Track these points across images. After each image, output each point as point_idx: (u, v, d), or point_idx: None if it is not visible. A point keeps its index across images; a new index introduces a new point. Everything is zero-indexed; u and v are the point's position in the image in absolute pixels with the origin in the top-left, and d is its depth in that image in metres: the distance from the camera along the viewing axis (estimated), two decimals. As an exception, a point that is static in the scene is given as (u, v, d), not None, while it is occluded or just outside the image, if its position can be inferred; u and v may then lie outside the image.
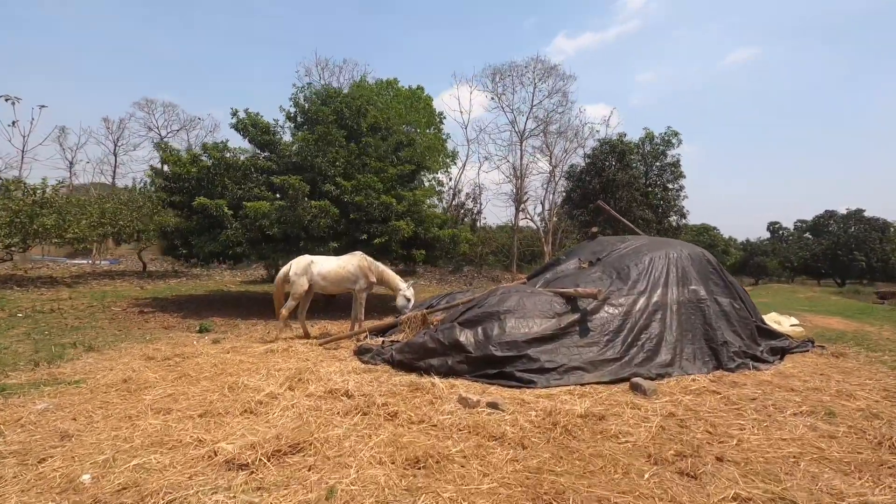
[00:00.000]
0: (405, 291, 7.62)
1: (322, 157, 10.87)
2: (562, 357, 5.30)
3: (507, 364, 5.28)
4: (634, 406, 4.47)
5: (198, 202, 9.94)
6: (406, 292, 7.62)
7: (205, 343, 7.53)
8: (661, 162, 18.37)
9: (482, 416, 4.20)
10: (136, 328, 9.12)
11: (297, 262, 7.66)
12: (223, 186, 10.75)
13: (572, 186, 18.86)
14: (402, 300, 7.56)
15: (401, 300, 7.57)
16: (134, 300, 12.88)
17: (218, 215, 10.16)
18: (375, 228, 10.51)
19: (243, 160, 11.07)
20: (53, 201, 15.34)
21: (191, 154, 10.60)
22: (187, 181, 10.76)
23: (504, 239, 35.50)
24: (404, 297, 7.58)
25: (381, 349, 6.16)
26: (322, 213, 10.08)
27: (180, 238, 10.94)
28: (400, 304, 7.57)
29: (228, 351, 6.82)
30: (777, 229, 53.97)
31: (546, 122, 27.43)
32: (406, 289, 7.67)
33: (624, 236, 7.92)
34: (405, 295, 7.59)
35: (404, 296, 7.58)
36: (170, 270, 22.48)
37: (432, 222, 11.68)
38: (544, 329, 5.53)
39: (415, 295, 7.98)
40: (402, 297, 7.58)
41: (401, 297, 7.58)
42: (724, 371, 5.63)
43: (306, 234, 10.40)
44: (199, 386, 5.04)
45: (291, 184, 9.99)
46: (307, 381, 5.10)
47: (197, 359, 6.30)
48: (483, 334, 5.54)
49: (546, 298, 5.93)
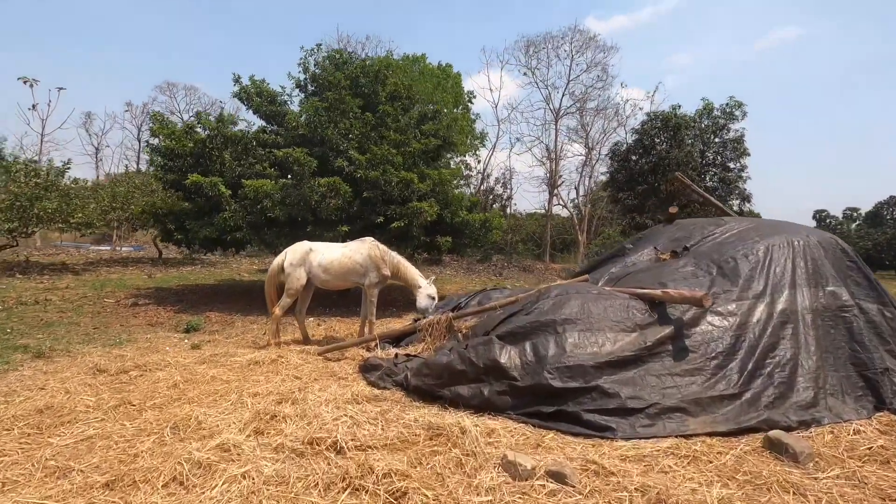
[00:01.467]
0: (426, 289, 6.06)
1: (333, 128, 9.35)
2: (651, 391, 3.62)
3: (569, 399, 3.65)
4: (789, 488, 2.77)
5: (190, 180, 8.62)
6: (428, 290, 6.06)
7: (182, 348, 6.19)
8: (720, 137, 16.06)
9: (541, 499, 2.61)
10: (119, 325, 7.92)
11: (292, 249, 6.19)
12: (221, 162, 9.40)
13: (617, 167, 16.78)
14: (425, 300, 6.00)
15: (423, 300, 6.01)
16: (135, 290, 11.84)
17: (214, 195, 8.83)
18: (394, 210, 8.96)
19: (243, 132, 9.68)
20: (58, 184, 14.45)
21: (186, 125, 9.26)
22: (182, 157, 9.45)
23: (533, 227, 33.48)
24: (427, 296, 6.02)
25: (393, 367, 4.63)
26: (332, 192, 8.60)
27: (175, 222, 9.69)
28: (422, 306, 6.02)
29: (204, 361, 5.43)
30: (824, 217, 49.94)
31: (583, 98, 25.19)
32: (427, 286, 6.11)
33: (717, 218, 6.07)
34: (427, 293, 6.03)
35: (427, 294, 6.02)
36: (186, 258, 21.69)
37: (460, 205, 10.04)
38: (622, 348, 3.85)
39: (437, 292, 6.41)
40: (424, 297, 6.02)
41: (423, 297, 6.03)
42: (891, 413, 3.83)
43: (314, 216, 8.96)
44: (137, 422, 3.62)
45: (296, 158, 8.53)
46: (285, 418, 3.60)
47: (159, 373, 4.92)
48: (533, 354, 3.91)
49: (620, 303, 4.23)
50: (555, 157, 25.57)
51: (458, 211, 9.77)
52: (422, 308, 6.03)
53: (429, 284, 6.15)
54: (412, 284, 6.18)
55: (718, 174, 15.69)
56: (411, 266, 6.32)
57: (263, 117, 10.71)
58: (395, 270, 6.23)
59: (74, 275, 14.13)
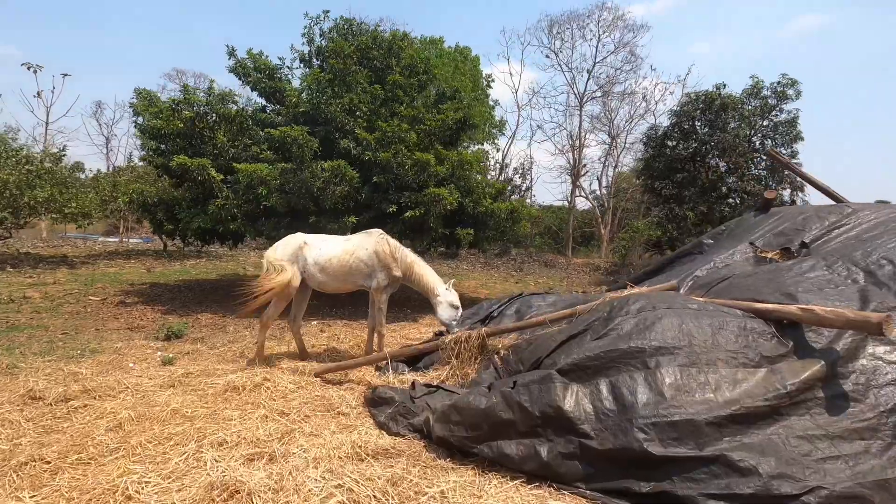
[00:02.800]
0: (446, 296, 4.86)
1: (337, 103, 8.15)
2: (803, 465, 2.36)
3: (675, 472, 2.42)
4: None
5: (175, 162, 7.52)
6: (448, 297, 4.86)
7: (152, 363, 5.10)
8: (769, 120, 14.45)
9: None
10: (93, 329, 6.89)
11: (283, 243, 5.03)
12: (215, 144, 8.29)
13: (652, 153, 15.28)
14: (447, 310, 4.80)
15: (445, 311, 4.81)
16: (129, 286, 10.89)
17: (204, 180, 7.72)
18: (408, 198, 7.75)
19: (238, 109, 8.55)
20: (53, 172, 13.57)
21: (171, 100, 8.15)
22: (171, 138, 8.36)
23: (550, 219, 31.93)
24: (449, 304, 4.81)
25: (409, 401, 3.44)
26: (336, 178, 7.42)
27: (165, 212, 8.63)
28: (444, 317, 4.82)
29: (172, 384, 4.32)
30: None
31: (610, 81, 23.56)
32: (447, 292, 4.91)
33: (836, 205, 4.70)
34: (449, 302, 4.82)
35: (448, 303, 4.82)
36: (192, 250, 20.85)
37: (483, 192, 8.78)
38: (748, 393, 2.60)
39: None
40: (445, 307, 4.82)
41: (444, 307, 4.83)
42: None
43: (317, 206, 7.79)
44: (35, 500, 2.50)
45: (294, 137, 7.36)
46: (251, 496, 2.44)
47: (108, 403, 3.82)
48: (614, 399, 2.68)
49: (733, 324, 2.96)
50: (579, 144, 24.05)
51: (481, 199, 8.51)
52: (444, 320, 4.83)
53: (449, 290, 4.94)
54: (428, 290, 4.98)
55: (766, 161, 14.10)
56: (427, 267, 5.11)
57: (262, 95, 9.56)
58: (407, 272, 5.03)
59: (70, 268, 13.28)
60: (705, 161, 14.83)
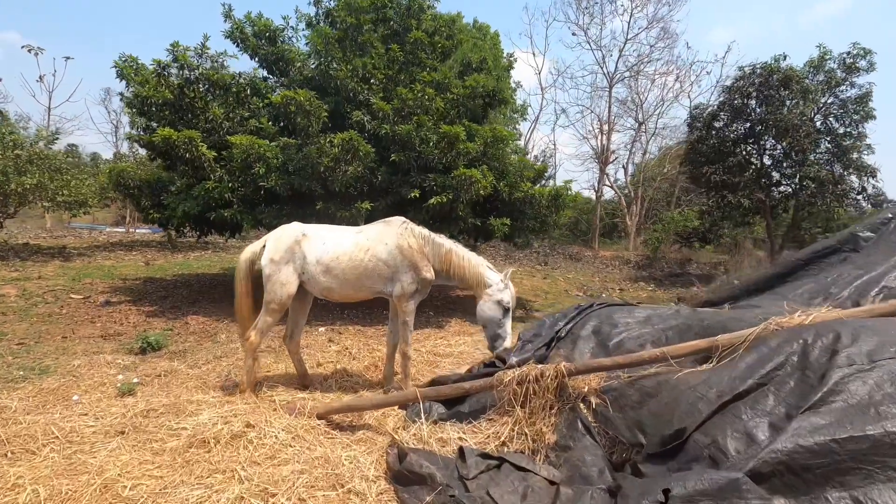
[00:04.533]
0: (497, 293, 3.60)
1: (348, 68, 6.85)
2: None
3: None
4: None
5: (160, 136, 6.32)
6: (500, 293, 3.60)
7: (108, 391, 3.91)
8: (836, 96, 12.73)
9: None
10: (60, 336, 5.78)
11: (276, 236, 3.79)
12: (209, 118, 7.08)
13: (699, 135, 13.67)
14: (492, 309, 3.57)
15: (490, 308, 3.57)
16: (121, 281, 9.84)
17: (192, 158, 6.52)
18: (432, 181, 6.45)
19: (234, 75, 7.31)
20: (45, 157, 12.56)
21: (157, 63, 6.93)
22: (160, 109, 7.17)
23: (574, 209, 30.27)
24: (495, 303, 3.57)
25: (458, 483, 2.18)
26: (348, 154, 6.14)
27: (150, 196, 7.46)
28: (487, 315, 3.58)
29: (123, 430, 3.14)
30: None
31: (641, 60, 21.80)
32: (501, 284, 3.64)
33: None
34: (499, 300, 3.57)
35: (495, 301, 3.57)
36: (199, 242, 19.89)
37: (521, 175, 7.42)
38: None
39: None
40: (491, 305, 3.58)
41: (489, 304, 3.59)
42: None
43: (324, 189, 6.54)
44: None
45: (300, 103, 6.09)
46: None
47: (17, 466, 2.64)
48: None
49: None
50: (608, 128, 22.40)
51: (519, 183, 7.15)
52: (486, 320, 3.57)
53: (504, 280, 3.66)
54: (477, 283, 3.69)
55: (834, 142, 12.40)
56: (471, 254, 3.80)
57: (263, 64, 8.29)
58: (443, 267, 3.73)
59: (63, 261, 12.32)
60: (759, 143, 13.19)
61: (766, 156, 13.18)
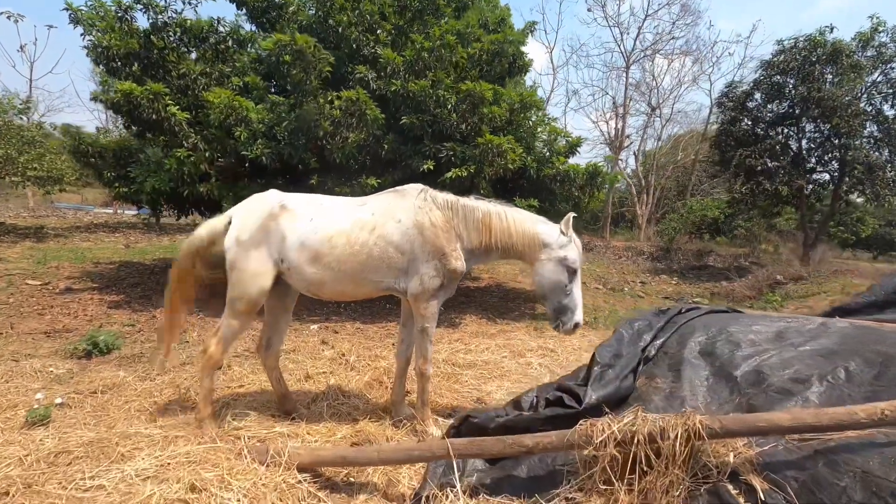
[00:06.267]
0: (559, 249, 2.60)
1: (352, 15, 5.70)
2: None
3: None
4: None
5: (119, 90, 5.20)
6: (562, 249, 2.59)
7: (15, 418, 2.87)
8: (885, 75, 11.55)
9: None
10: (-7, 334, 4.72)
11: (243, 210, 2.74)
12: (183, 73, 5.96)
13: (732, 116, 12.50)
14: (554, 271, 2.60)
15: (551, 271, 2.61)
16: (92, 265, 8.78)
17: (160, 119, 5.41)
18: (451, 151, 5.35)
19: (213, 21, 6.15)
20: (14, 128, 11.41)
21: (118, 3, 5.76)
22: (123, 61, 6.03)
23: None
24: (560, 263, 2.59)
25: None
26: (352, 116, 5.03)
27: (114, 166, 6.35)
28: (548, 280, 2.62)
29: (7, 490, 2.08)
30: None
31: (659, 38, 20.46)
32: (563, 238, 2.61)
33: None
34: (562, 258, 2.58)
35: (561, 261, 2.59)
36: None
37: (554, 148, 6.31)
38: None
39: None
40: (552, 267, 2.60)
41: (550, 267, 2.61)
42: None
43: (320, 160, 5.45)
44: None
45: (297, 50, 4.95)
46: None
47: None
48: None
49: None
50: (623, 111, 21.14)
51: (550, 157, 6.04)
52: (548, 287, 2.65)
53: (565, 231, 2.61)
54: (531, 247, 2.64)
55: (882, 125, 11.27)
56: (514, 210, 2.75)
57: (251, 15, 7.09)
58: (483, 238, 2.66)
59: (36, 242, 11.24)
60: (798, 125, 12.03)
61: (804, 139, 12.03)
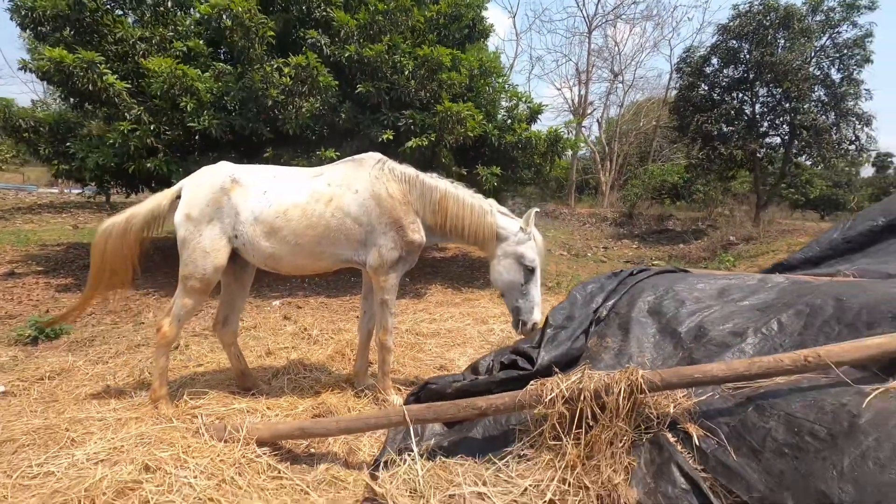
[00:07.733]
0: (515, 245, 2.62)
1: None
2: None
3: None
4: None
5: (48, 58, 4.80)
6: (519, 245, 2.61)
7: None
8: (832, 39, 11.94)
9: None
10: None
11: (195, 182, 2.63)
12: (120, 38, 5.53)
13: (689, 82, 12.71)
14: (510, 269, 2.63)
15: (507, 269, 2.64)
16: (38, 248, 8.28)
17: (97, 90, 5.04)
18: (410, 119, 5.24)
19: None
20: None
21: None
22: (52, 25, 5.54)
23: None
24: (517, 262, 2.62)
25: None
26: (303, 84, 4.82)
27: (50, 141, 5.92)
28: (503, 279, 2.66)
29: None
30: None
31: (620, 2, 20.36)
32: (521, 234, 2.62)
33: None
34: (519, 256, 2.61)
35: (517, 259, 2.62)
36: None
37: (515, 115, 6.28)
38: None
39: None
40: (507, 264, 2.64)
41: (505, 264, 2.65)
42: None
43: (274, 131, 5.24)
44: None
45: (235, 14, 4.66)
46: None
47: None
48: None
49: None
50: (586, 78, 21.15)
51: (512, 125, 6.02)
52: (503, 285, 2.68)
53: (525, 228, 2.63)
54: (486, 239, 2.66)
55: (828, 89, 11.72)
56: (474, 196, 2.73)
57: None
58: (438, 219, 2.67)
59: (-29, 225, 10.49)
60: (752, 90, 12.39)
61: (758, 104, 12.43)
